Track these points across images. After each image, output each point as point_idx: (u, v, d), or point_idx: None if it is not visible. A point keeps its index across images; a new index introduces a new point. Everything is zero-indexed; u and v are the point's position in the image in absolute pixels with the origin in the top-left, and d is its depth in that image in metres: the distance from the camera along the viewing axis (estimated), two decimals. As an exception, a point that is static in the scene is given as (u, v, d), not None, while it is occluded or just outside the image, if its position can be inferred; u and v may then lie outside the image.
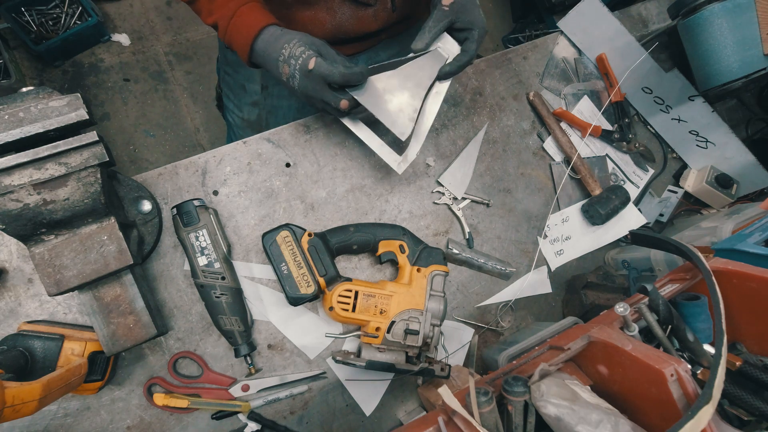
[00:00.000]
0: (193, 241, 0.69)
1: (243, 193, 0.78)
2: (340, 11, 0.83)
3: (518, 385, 0.52)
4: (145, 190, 0.71)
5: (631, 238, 0.80)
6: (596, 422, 0.46)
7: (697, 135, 1.05)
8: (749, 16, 0.84)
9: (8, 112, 0.53)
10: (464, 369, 0.78)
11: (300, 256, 0.71)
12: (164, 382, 0.70)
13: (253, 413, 0.73)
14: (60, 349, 0.62)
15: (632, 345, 0.53)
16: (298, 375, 0.75)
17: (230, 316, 0.70)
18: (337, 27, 0.85)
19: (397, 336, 0.72)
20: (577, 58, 1.04)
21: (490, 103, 0.95)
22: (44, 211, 0.55)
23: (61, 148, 0.54)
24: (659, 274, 0.84)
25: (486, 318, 0.88)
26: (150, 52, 1.92)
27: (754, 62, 0.85)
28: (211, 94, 1.93)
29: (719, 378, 0.46)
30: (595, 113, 1.01)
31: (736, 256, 0.67)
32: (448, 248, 0.85)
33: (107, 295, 0.62)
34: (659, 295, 0.58)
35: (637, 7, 1.10)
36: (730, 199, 1.03)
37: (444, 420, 0.50)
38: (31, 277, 0.68)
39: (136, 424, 0.69)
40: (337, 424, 0.77)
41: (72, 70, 1.81)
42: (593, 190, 0.94)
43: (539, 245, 0.91)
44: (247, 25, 0.71)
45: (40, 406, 0.51)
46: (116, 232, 0.60)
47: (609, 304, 0.83)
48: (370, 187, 0.84)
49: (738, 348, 0.63)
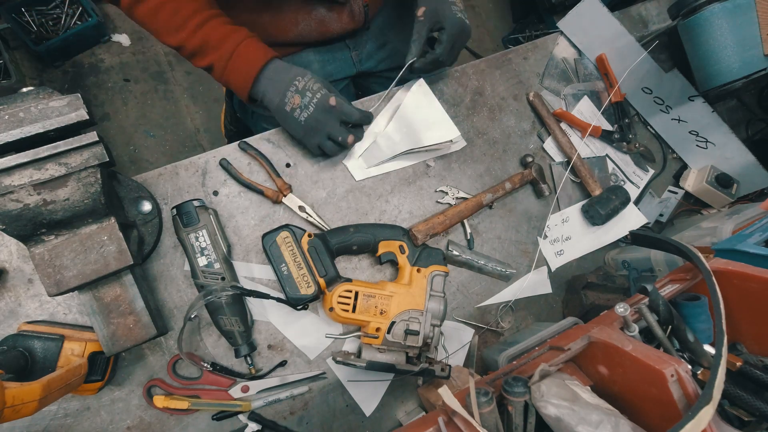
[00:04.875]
0: (193, 241, 0.69)
1: (243, 193, 0.78)
2: (303, 22, 0.87)
3: (518, 385, 0.52)
4: (145, 191, 0.71)
5: (631, 239, 0.80)
6: (596, 423, 0.46)
7: (697, 135, 1.05)
8: (749, 17, 0.84)
9: (8, 112, 0.53)
10: (464, 369, 0.78)
11: (300, 257, 0.71)
12: (163, 383, 0.70)
13: (254, 414, 0.73)
14: (60, 350, 0.62)
15: (632, 345, 0.53)
16: (299, 375, 0.75)
17: (230, 317, 0.70)
18: (299, 35, 0.89)
19: (397, 336, 0.72)
20: (577, 58, 1.04)
21: (490, 103, 0.95)
22: (44, 211, 0.55)
23: (61, 149, 0.54)
24: (659, 274, 0.84)
25: (486, 318, 0.88)
26: (150, 53, 1.92)
27: (754, 62, 0.85)
28: (211, 94, 1.93)
29: (719, 378, 0.46)
30: (595, 113, 1.01)
31: (737, 256, 0.67)
32: (448, 250, 0.85)
33: (107, 295, 0.62)
34: (659, 296, 0.58)
35: (637, 8, 1.10)
36: (730, 198, 1.02)
37: (444, 420, 0.50)
38: (31, 278, 0.68)
39: (136, 424, 0.69)
40: (337, 424, 0.77)
41: (72, 71, 1.81)
42: (593, 190, 0.94)
43: (539, 246, 0.91)
44: (250, 60, 0.73)
45: (40, 407, 0.51)
46: (116, 233, 0.60)
47: (609, 305, 0.83)
48: (370, 187, 0.84)
49: (738, 348, 0.63)
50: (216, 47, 0.72)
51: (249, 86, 0.74)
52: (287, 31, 0.88)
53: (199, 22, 0.71)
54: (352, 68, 1.01)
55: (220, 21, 0.73)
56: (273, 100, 0.74)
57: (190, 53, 0.73)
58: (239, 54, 0.72)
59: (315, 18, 0.87)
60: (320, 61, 0.97)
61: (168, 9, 0.70)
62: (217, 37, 0.72)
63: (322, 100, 0.72)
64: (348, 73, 1.01)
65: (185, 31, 0.71)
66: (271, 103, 0.74)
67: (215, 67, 0.73)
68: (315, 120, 0.73)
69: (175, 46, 0.73)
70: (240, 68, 0.73)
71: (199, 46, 0.72)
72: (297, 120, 0.73)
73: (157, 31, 0.72)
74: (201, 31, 0.71)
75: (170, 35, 0.72)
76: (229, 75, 0.74)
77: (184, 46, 0.72)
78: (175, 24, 0.71)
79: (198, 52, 0.73)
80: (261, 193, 0.77)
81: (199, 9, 0.71)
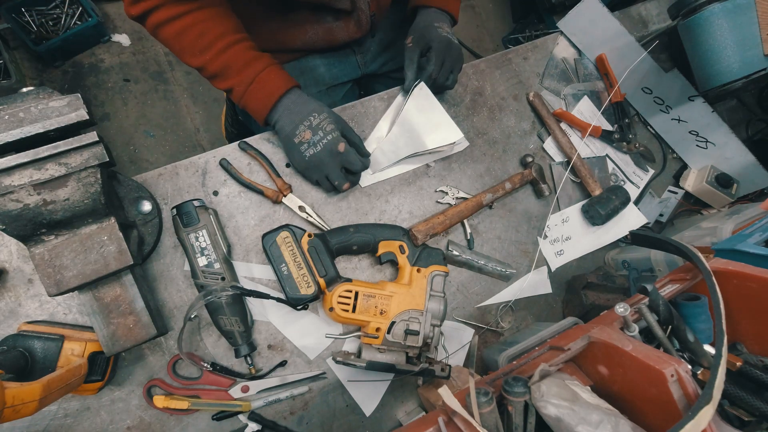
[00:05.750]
0: (192, 241, 0.69)
1: (243, 193, 0.78)
2: (311, 30, 0.88)
3: (518, 385, 0.52)
4: (145, 191, 0.71)
5: (631, 239, 0.80)
6: (596, 423, 0.46)
7: (697, 135, 1.05)
8: (749, 17, 0.84)
9: (8, 112, 0.53)
10: (464, 369, 0.78)
11: (300, 257, 0.71)
12: (163, 383, 0.70)
13: (254, 414, 0.73)
14: (60, 350, 0.62)
15: (632, 345, 0.53)
16: (299, 375, 0.75)
17: (230, 317, 0.70)
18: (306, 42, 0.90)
19: (397, 336, 0.72)
20: (577, 58, 1.04)
21: (490, 103, 0.95)
22: (44, 211, 0.55)
23: (61, 149, 0.54)
24: (659, 274, 0.84)
25: (486, 318, 0.88)
26: (150, 53, 1.92)
27: (754, 62, 0.85)
28: (211, 94, 1.93)
29: (719, 378, 0.46)
30: (595, 113, 1.01)
31: (737, 256, 0.67)
32: (448, 250, 0.85)
33: (107, 295, 0.62)
34: (659, 296, 0.58)
35: (637, 8, 1.10)
36: (730, 198, 1.02)
37: (444, 420, 0.50)
38: (31, 278, 0.68)
39: (136, 424, 0.69)
40: (337, 424, 0.77)
41: (72, 71, 1.80)
42: (593, 190, 0.93)
43: (539, 246, 0.91)
44: (271, 88, 0.74)
45: (40, 407, 0.51)
46: (116, 233, 0.60)
47: (609, 305, 0.83)
48: (371, 187, 0.84)
49: (738, 348, 0.63)
50: (238, 72, 0.72)
51: (267, 113, 0.75)
52: (295, 39, 0.89)
53: (223, 46, 0.71)
54: (357, 71, 1.02)
55: (244, 46, 0.73)
56: (285, 128, 0.75)
57: (211, 75, 0.74)
58: (260, 80, 0.73)
59: (323, 27, 0.88)
60: (326, 65, 0.97)
61: (195, 31, 0.70)
62: (240, 63, 0.72)
63: (332, 143, 0.73)
64: (353, 75, 1.02)
65: (209, 54, 0.71)
66: (282, 130, 0.75)
67: (235, 91, 0.74)
68: (319, 160, 0.74)
69: (197, 67, 0.73)
70: (260, 95, 0.74)
71: (221, 69, 0.72)
72: (302, 154, 0.75)
73: (181, 51, 0.72)
74: (225, 54, 0.71)
75: (194, 57, 0.72)
76: (248, 100, 0.74)
77: (206, 67, 0.72)
78: (199, 46, 0.71)
79: (219, 75, 0.73)
80: (261, 193, 0.77)
81: (226, 33, 0.71)
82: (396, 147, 0.83)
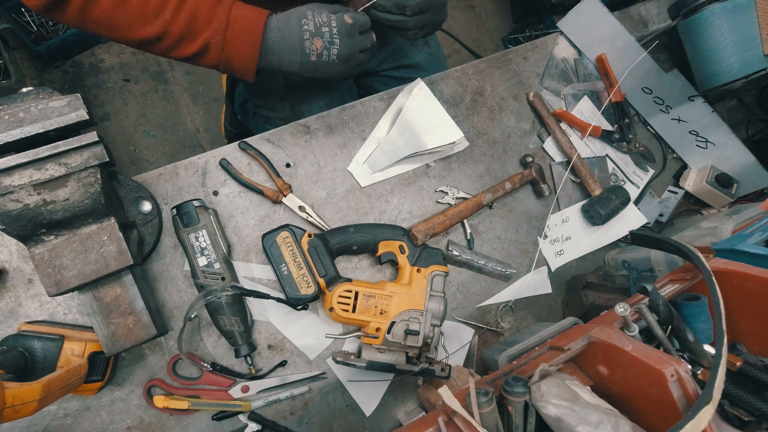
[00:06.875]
0: (192, 241, 0.69)
1: (243, 193, 0.78)
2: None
3: (518, 385, 0.52)
4: (145, 191, 0.71)
5: (631, 239, 0.80)
6: (596, 423, 0.46)
7: (697, 135, 1.05)
8: (749, 17, 0.84)
9: (8, 112, 0.53)
10: (464, 369, 0.78)
11: (300, 257, 0.71)
12: (163, 383, 0.70)
13: (254, 414, 0.73)
14: (60, 350, 0.62)
15: (632, 345, 0.53)
16: (299, 375, 0.75)
17: (230, 317, 0.70)
18: None
19: (397, 336, 0.72)
20: (577, 58, 1.04)
21: (490, 103, 0.95)
22: (44, 211, 0.55)
23: (61, 149, 0.54)
24: (659, 274, 0.84)
25: (486, 318, 0.88)
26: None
27: (754, 62, 0.85)
28: (211, 94, 1.93)
29: (719, 378, 0.46)
30: (595, 113, 1.01)
31: (737, 256, 0.67)
32: (448, 250, 0.85)
33: (107, 295, 0.62)
34: (659, 296, 0.58)
35: (637, 8, 1.10)
36: (730, 198, 1.02)
37: (444, 420, 0.50)
38: (31, 278, 0.68)
39: (136, 424, 0.69)
40: (337, 424, 0.77)
41: (72, 71, 1.80)
42: (593, 190, 0.93)
43: (539, 245, 0.91)
44: (250, 22, 0.63)
45: (40, 407, 0.51)
46: (116, 233, 0.60)
47: (609, 305, 0.83)
48: (371, 187, 0.84)
49: (738, 348, 0.63)
50: (208, 20, 0.61)
51: (257, 55, 0.65)
52: None
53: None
54: None
55: None
56: (293, 59, 0.65)
57: (177, 38, 0.62)
58: (235, 19, 0.62)
59: None
60: None
61: None
62: (205, 9, 0.61)
63: (341, 25, 0.65)
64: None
65: (167, 12, 0.60)
66: (292, 63, 0.66)
67: (212, 45, 0.63)
68: (347, 46, 0.66)
69: (156, 35, 0.62)
70: (241, 36, 0.63)
71: (186, 25, 0.61)
72: (329, 63, 0.66)
73: (128, 23, 0.60)
74: (186, 5, 0.61)
75: (147, 24, 0.60)
76: (230, 48, 0.63)
77: (169, 30, 0.61)
78: (152, 8, 0.59)
79: (187, 34, 0.62)
80: (261, 193, 0.77)
81: None
82: (396, 147, 0.83)
